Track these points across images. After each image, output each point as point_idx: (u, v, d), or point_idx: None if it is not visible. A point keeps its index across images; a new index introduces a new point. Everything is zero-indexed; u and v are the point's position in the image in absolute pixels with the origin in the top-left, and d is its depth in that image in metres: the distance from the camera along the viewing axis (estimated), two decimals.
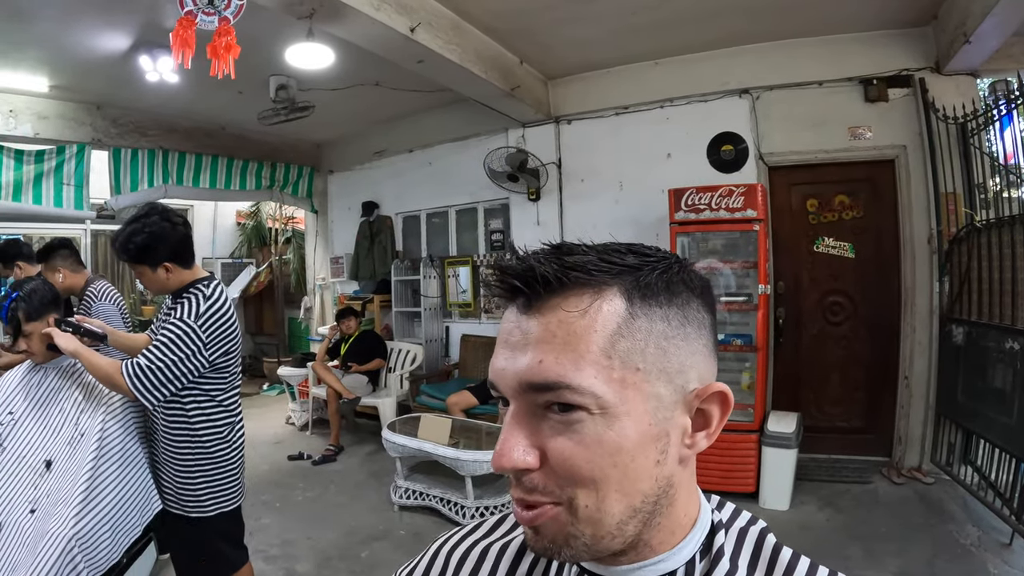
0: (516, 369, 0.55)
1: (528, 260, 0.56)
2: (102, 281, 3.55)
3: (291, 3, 3.33)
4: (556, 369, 0.53)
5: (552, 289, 0.55)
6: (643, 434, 0.54)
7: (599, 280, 0.55)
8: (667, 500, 0.57)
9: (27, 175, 5.34)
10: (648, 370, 0.55)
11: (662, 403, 0.55)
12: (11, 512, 2.09)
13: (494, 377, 0.58)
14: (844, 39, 4.70)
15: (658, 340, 0.55)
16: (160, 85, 4.82)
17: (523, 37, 4.90)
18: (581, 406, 0.53)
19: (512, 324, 0.57)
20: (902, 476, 4.45)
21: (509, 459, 0.54)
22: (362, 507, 4.47)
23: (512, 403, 0.57)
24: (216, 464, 2.38)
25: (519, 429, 0.55)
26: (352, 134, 7.69)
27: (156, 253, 2.25)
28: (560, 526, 0.54)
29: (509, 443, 0.55)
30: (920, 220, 4.57)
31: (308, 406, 6.53)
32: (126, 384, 2.15)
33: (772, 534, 0.63)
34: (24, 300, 2.34)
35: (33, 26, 4.17)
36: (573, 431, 0.53)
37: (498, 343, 0.60)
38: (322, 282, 8.34)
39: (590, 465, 0.53)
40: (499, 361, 0.58)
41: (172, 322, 2.23)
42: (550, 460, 0.54)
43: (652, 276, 0.56)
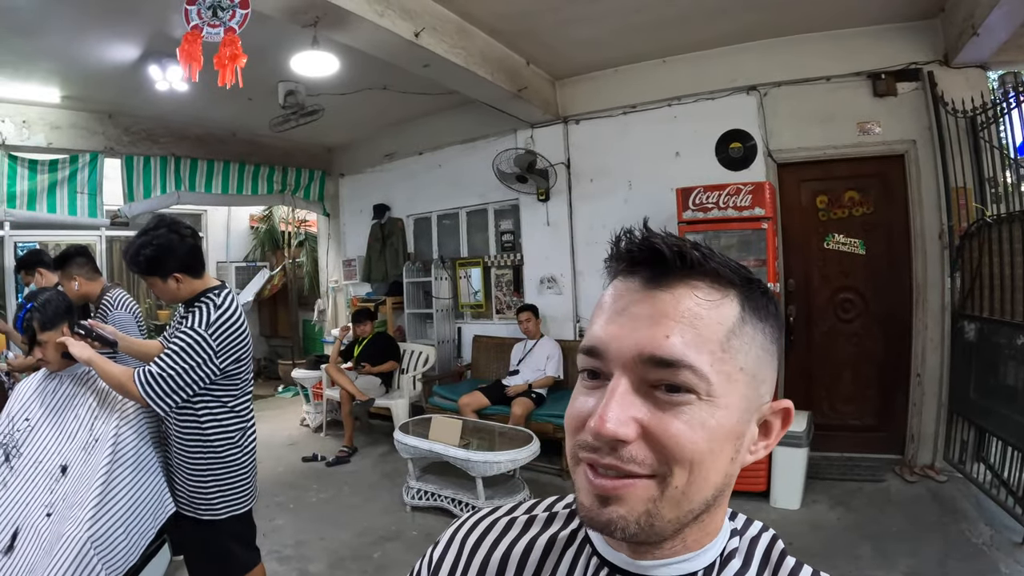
0: (637, 339, 0.55)
1: (669, 235, 0.58)
2: (118, 289, 3.59)
3: (296, 12, 3.38)
4: (681, 348, 0.54)
5: (687, 271, 0.57)
6: (732, 429, 0.56)
7: (726, 278, 0.57)
8: (721, 498, 0.59)
9: (41, 184, 5.43)
10: (747, 372, 0.57)
11: (749, 405, 0.58)
12: (28, 516, 2.14)
13: (600, 345, 0.58)
14: (851, 33, 4.67)
15: (758, 349, 0.59)
16: (170, 94, 4.88)
17: (528, 38, 4.91)
18: (693, 389, 0.54)
19: (633, 295, 0.58)
20: (915, 474, 4.42)
21: (612, 428, 0.53)
22: (375, 508, 4.51)
23: (618, 372, 0.56)
24: (228, 468, 2.43)
25: (625, 398, 0.55)
26: (362, 137, 7.74)
27: (165, 265, 2.30)
28: (642, 500, 0.55)
29: (614, 411, 0.54)
30: (931, 215, 4.53)
31: (322, 408, 6.58)
32: (138, 391, 2.20)
33: (780, 541, 0.66)
34: (39, 310, 2.39)
35: (44, 39, 4.24)
36: (680, 411, 0.54)
37: (606, 311, 0.59)
38: (335, 284, 8.40)
39: (693, 446, 0.54)
40: (611, 328, 0.58)
41: (183, 331, 2.28)
42: (654, 435, 0.54)
43: (757, 292, 0.59)
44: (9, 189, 5.22)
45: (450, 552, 0.75)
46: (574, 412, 0.59)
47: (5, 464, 2.30)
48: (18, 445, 2.34)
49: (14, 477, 2.26)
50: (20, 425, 2.39)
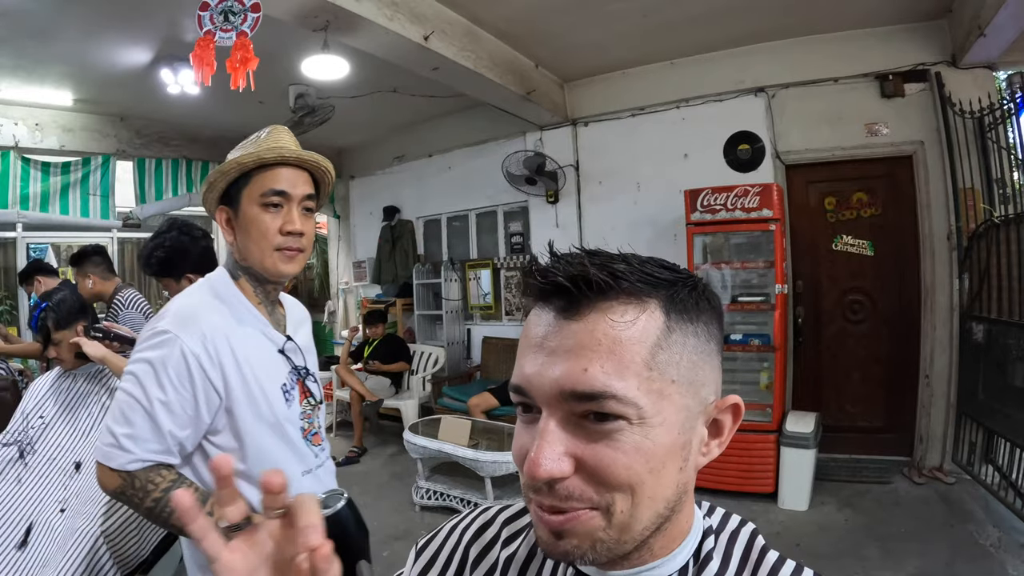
0: (555, 376, 0.54)
1: (574, 262, 0.56)
2: (130, 290, 3.64)
3: (306, 16, 3.41)
4: (602, 379, 0.53)
5: (597, 295, 0.55)
6: (673, 443, 0.55)
7: (642, 291, 0.56)
8: (679, 506, 0.59)
9: (54, 186, 5.50)
10: (681, 382, 0.56)
11: (690, 414, 0.57)
12: (42, 511, 2.19)
13: (524, 383, 0.57)
14: (859, 34, 4.67)
15: (690, 354, 0.57)
16: (182, 97, 4.92)
17: (537, 41, 4.94)
18: (622, 415, 0.53)
19: (548, 327, 0.56)
20: (923, 476, 4.41)
21: (546, 469, 0.53)
22: (384, 507, 4.54)
23: (545, 410, 0.55)
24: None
25: (554, 437, 0.54)
26: (372, 140, 7.78)
27: (178, 267, 2.37)
28: (590, 530, 0.54)
29: (545, 452, 0.53)
30: (939, 216, 4.52)
31: (332, 408, 6.62)
32: None
33: (761, 536, 0.66)
34: (53, 310, 2.44)
35: (57, 43, 4.30)
36: (612, 439, 0.53)
37: (527, 347, 0.58)
38: (345, 286, 8.45)
39: (628, 472, 0.53)
40: (531, 366, 0.57)
41: None
42: (588, 467, 0.54)
43: (684, 292, 0.58)
44: (22, 191, 5.29)
45: (447, 546, 0.76)
46: (516, 449, 0.59)
47: (19, 461, 2.35)
48: (32, 442, 2.39)
49: (28, 474, 2.31)
50: (34, 422, 2.44)
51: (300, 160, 1.37)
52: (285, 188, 1.34)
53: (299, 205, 1.36)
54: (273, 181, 1.34)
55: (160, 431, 1.21)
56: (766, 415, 4.35)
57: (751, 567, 0.62)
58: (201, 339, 1.26)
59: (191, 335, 1.25)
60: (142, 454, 1.21)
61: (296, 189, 1.36)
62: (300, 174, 1.38)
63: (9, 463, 2.33)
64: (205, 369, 1.25)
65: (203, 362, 1.25)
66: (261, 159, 1.33)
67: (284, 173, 1.35)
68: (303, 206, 1.38)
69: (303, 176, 1.38)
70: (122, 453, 1.20)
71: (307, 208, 1.39)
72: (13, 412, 2.51)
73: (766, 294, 4.53)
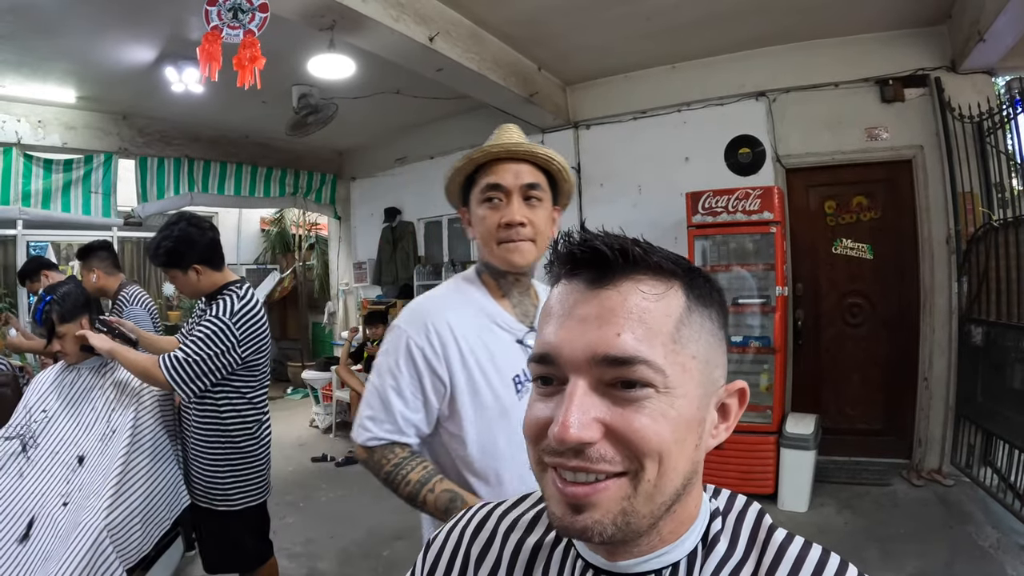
0: (588, 340, 0.55)
1: (608, 235, 0.58)
2: (134, 286, 3.67)
3: (313, 15, 3.43)
4: (634, 344, 0.54)
5: (630, 267, 0.57)
6: (692, 417, 0.57)
7: (668, 270, 0.58)
8: (690, 487, 0.59)
9: (56, 184, 5.51)
10: (700, 359, 0.58)
11: (706, 391, 0.59)
12: (45, 505, 2.19)
13: (552, 351, 0.57)
14: (859, 40, 4.70)
15: (707, 336, 0.59)
16: (185, 96, 4.94)
17: (540, 44, 4.97)
18: (651, 383, 0.54)
19: (580, 295, 0.58)
20: (922, 478, 4.42)
21: (576, 432, 0.53)
22: (384, 508, 4.52)
23: (574, 376, 0.56)
24: (244, 459, 2.48)
25: (584, 400, 0.54)
26: (374, 141, 7.80)
27: (184, 257, 2.38)
28: (616, 500, 0.55)
29: (575, 415, 0.53)
30: (938, 220, 4.55)
31: (332, 409, 6.63)
32: (164, 376, 2.25)
33: (768, 516, 0.66)
34: (58, 303, 2.44)
35: (61, 40, 4.31)
36: (640, 406, 0.54)
37: (552, 317, 0.59)
38: (345, 287, 8.46)
39: (658, 438, 0.54)
40: (561, 333, 0.57)
41: (208, 319, 2.35)
42: (618, 433, 0.54)
43: (700, 280, 0.60)
44: (24, 188, 5.30)
45: (447, 547, 0.76)
46: (532, 420, 0.59)
47: (22, 454, 2.35)
48: (35, 436, 2.39)
49: (31, 467, 2.31)
50: (37, 416, 2.44)
51: (511, 152, 1.38)
52: (500, 181, 1.37)
53: (520, 195, 1.37)
54: (490, 176, 1.38)
55: (392, 414, 1.36)
56: (766, 417, 4.36)
57: (759, 547, 0.62)
58: (426, 333, 1.36)
59: (417, 330, 1.37)
60: (378, 433, 1.37)
61: (515, 180, 1.37)
62: (521, 166, 1.39)
63: (11, 457, 2.33)
64: (429, 360, 1.35)
65: (427, 354, 1.35)
66: (487, 152, 1.38)
67: (503, 167, 1.38)
68: (525, 195, 1.38)
69: (525, 167, 1.39)
70: (363, 432, 1.39)
71: (530, 197, 1.38)
72: (13, 408, 2.51)
73: (766, 296, 4.55)
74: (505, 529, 0.73)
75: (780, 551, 0.61)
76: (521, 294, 1.47)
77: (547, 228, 1.41)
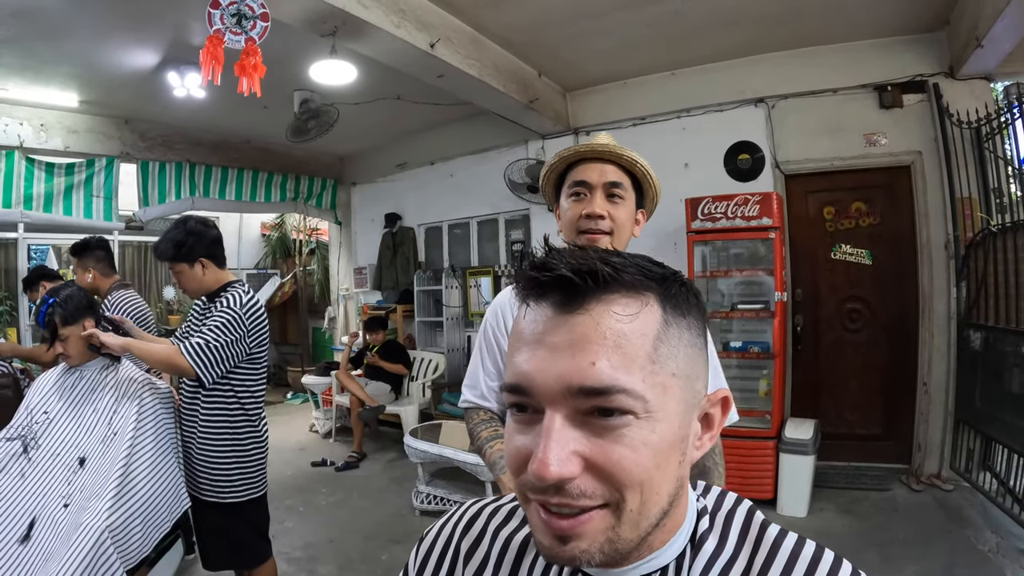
0: (561, 371, 0.53)
1: (575, 255, 0.55)
2: (123, 291, 3.60)
3: (315, 21, 3.45)
4: (610, 372, 0.52)
5: (600, 288, 0.54)
6: (675, 436, 0.55)
7: (641, 285, 0.55)
8: (677, 500, 0.58)
9: (58, 187, 5.52)
10: (679, 376, 0.56)
11: (687, 407, 0.57)
12: (45, 506, 2.19)
13: (524, 381, 0.55)
14: (858, 46, 4.72)
15: (686, 348, 0.57)
16: (187, 100, 4.96)
17: (540, 50, 4.99)
18: (630, 410, 0.52)
19: (548, 321, 0.55)
20: (921, 483, 4.43)
21: (556, 470, 0.51)
22: (384, 512, 4.54)
23: (549, 408, 0.53)
24: (247, 451, 2.56)
25: (561, 436, 0.52)
26: (375, 147, 7.82)
27: (192, 249, 2.48)
28: (601, 531, 0.53)
29: (553, 451, 0.52)
30: (937, 225, 4.57)
31: (331, 414, 6.63)
32: (187, 362, 2.34)
33: (760, 513, 0.65)
34: (60, 305, 2.46)
35: (64, 44, 4.33)
36: (620, 435, 0.52)
37: (522, 344, 0.56)
38: (346, 292, 8.47)
39: (638, 468, 0.52)
40: (532, 362, 0.55)
41: (221, 311, 2.45)
42: (598, 465, 0.52)
43: (676, 287, 0.57)
44: (26, 191, 5.31)
45: (439, 541, 0.77)
46: (513, 452, 0.57)
47: (23, 455, 2.36)
48: (36, 437, 2.40)
49: (32, 468, 2.32)
50: (39, 417, 2.45)
51: (597, 152, 1.50)
52: (585, 178, 1.49)
53: (603, 191, 1.48)
54: (577, 174, 1.52)
55: (478, 382, 1.63)
56: (765, 422, 4.37)
57: (751, 543, 0.62)
58: (494, 314, 1.61)
59: (491, 311, 1.63)
60: (469, 397, 1.65)
61: (599, 178, 1.49)
62: (606, 166, 1.50)
63: (13, 458, 2.33)
64: (497, 336, 1.60)
65: (496, 331, 1.60)
66: (576, 152, 1.53)
67: (589, 166, 1.50)
68: (608, 192, 1.49)
69: (610, 167, 1.50)
70: (461, 396, 1.67)
71: (613, 194, 1.49)
72: (15, 409, 2.52)
73: (766, 302, 4.56)
74: (495, 527, 0.73)
75: (774, 547, 0.61)
76: None
77: (628, 226, 1.52)
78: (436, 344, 7.11)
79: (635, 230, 1.54)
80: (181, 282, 2.57)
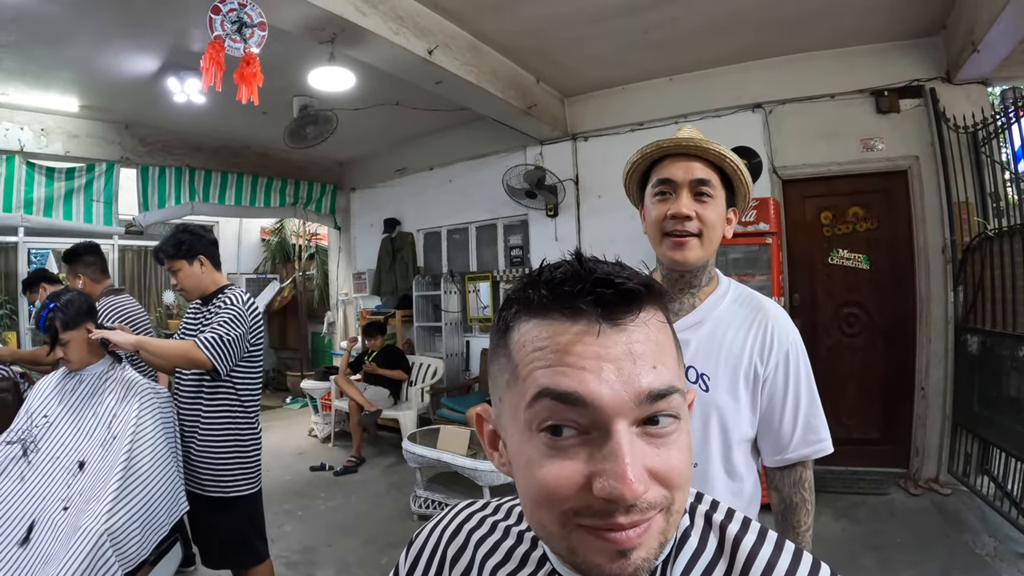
0: (627, 379, 0.52)
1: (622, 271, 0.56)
2: (113, 297, 3.55)
3: (314, 28, 3.47)
4: (667, 375, 0.53)
5: (644, 300, 0.55)
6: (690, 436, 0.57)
7: (658, 295, 0.57)
8: None
9: (58, 191, 5.54)
10: (682, 376, 0.58)
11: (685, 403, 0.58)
12: (45, 509, 2.20)
13: (588, 394, 0.51)
14: (855, 51, 4.75)
15: (680, 349, 0.59)
16: (187, 106, 4.99)
17: (538, 56, 5.01)
18: (676, 413, 0.54)
19: (600, 335, 0.53)
20: (919, 487, 4.43)
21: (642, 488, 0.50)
22: (382, 516, 4.54)
23: (615, 424, 0.51)
24: (246, 445, 2.66)
25: (636, 453, 0.51)
26: (374, 152, 7.85)
27: (192, 247, 2.60)
28: (656, 535, 0.53)
29: (633, 471, 0.50)
30: (934, 230, 4.58)
31: (330, 419, 6.63)
32: (204, 355, 2.42)
33: (738, 514, 0.65)
34: (61, 310, 2.47)
35: (65, 49, 4.36)
36: (671, 441, 0.53)
37: (575, 356, 0.53)
38: (345, 297, 8.48)
39: (685, 468, 0.53)
40: (596, 375, 0.52)
41: (226, 309, 2.55)
42: (661, 474, 0.52)
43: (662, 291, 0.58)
44: (27, 195, 5.33)
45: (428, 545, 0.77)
46: (553, 480, 0.52)
47: (23, 459, 2.37)
48: (36, 440, 2.41)
49: (31, 471, 2.32)
50: (39, 421, 2.46)
51: (682, 148, 1.37)
52: (670, 176, 1.36)
53: (690, 190, 1.35)
54: (661, 172, 1.38)
55: None
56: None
57: (727, 555, 0.61)
58: None
59: None
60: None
61: (685, 175, 1.35)
62: (693, 163, 1.37)
63: (12, 461, 2.34)
64: None
65: None
66: (659, 147, 1.38)
67: (674, 163, 1.37)
68: (695, 191, 1.35)
69: (696, 164, 1.36)
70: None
71: (701, 193, 1.35)
72: (15, 413, 2.53)
73: None
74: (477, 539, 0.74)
75: (749, 559, 0.60)
76: (682, 291, 1.43)
77: (719, 226, 1.37)
78: (435, 349, 7.12)
79: (727, 230, 1.40)
80: (179, 280, 2.64)
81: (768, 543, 0.61)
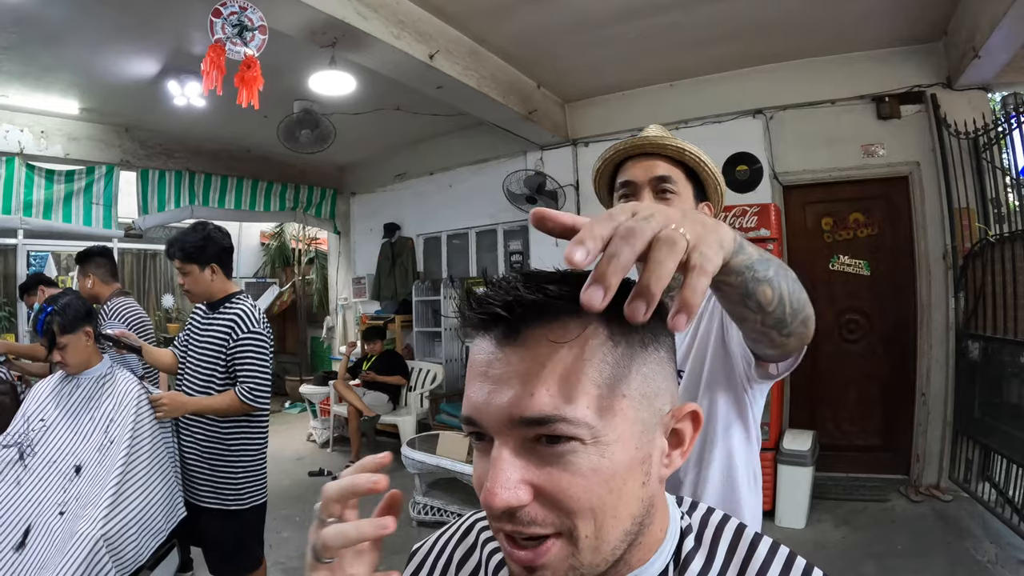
0: (501, 403, 0.53)
1: (507, 287, 0.54)
2: (122, 299, 3.62)
3: (315, 32, 3.47)
4: (549, 402, 0.51)
5: (535, 318, 0.53)
6: (631, 459, 0.54)
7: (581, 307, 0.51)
8: (649, 519, 0.58)
9: (57, 194, 5.54)
10: (632, 396, 0.55)
11: (645, 427, 0.56)
12: (41, 514, 2.19)
13: (474, 413, 0.55)
14: (856, 57, 4.75)
15: (639, 366, 0.56)
16: (187, 109, 4.99)
17: (539, 62, 5.02)
18: (575, 437, 0.52)
19: (491, 355, 0.55)
20: (920, 494, 4.41)
21: (503, 498, 0.52)
22: None
23: (497, 438, 0.54)
24: (254, 458, 2.63)
25: (507, 465, 0.53)
26: (374, 157, 7.85)
27: (206, 252, 2.53)
28: (562, 560, 0.53)
29: (499, 481, 0.52)
30: (935, 236, 4.58)
31: (329, 424, 6.61)
32: (250, 407, 2.48)
33: (749, 530, 0.65)
34: (59, 314, 2.45)
35: (66, 51, 4.35)
36: (567, 462, 0.52)
37: (473, 376, 0.56)
38: (344, 302, 8.47)
39: (588, 494, 0.52)
40: (478, 395, 0.55)
41: (246, 338, 2.51)
42: (546, 493, 0.52)
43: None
44: (26, 197, 5.32)
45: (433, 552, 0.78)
46: (475, 480, 0.58)
47: (20, 463, 2.35)
48: (33, 444, 2.39)
49: (28, 476, 2.31)
50: (35, 425, 2.44)
51: (638, 148, 1.35)
52: (630, 178, 1.35)
53: (651, 189, 1.33)
54: (623, 174, 1.37)
55: None
56: (763, 433, 4.33)
57: (739, 561, 0.62)
58: None
59: None
60: None
61: (645, 175, 1.33)
62: (653, 161, 1.34)
63: (8, 465, 2.33)
64: None
65: None
66: (617, 150, 1.38)
67: (634, 164, 1.36)
68: (657, 189, 1.33)
69: (656, 163, 1.34)
70: None
71: (663, 190, 1.33)
72: (12, 416, 2.52)
73: None
74: (484, 539, 0.75)
75: (764, 567, 0.61)
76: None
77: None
78: (434, 354, 7.11)
79: None
80: (188, 284, 2.59)
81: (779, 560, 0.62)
